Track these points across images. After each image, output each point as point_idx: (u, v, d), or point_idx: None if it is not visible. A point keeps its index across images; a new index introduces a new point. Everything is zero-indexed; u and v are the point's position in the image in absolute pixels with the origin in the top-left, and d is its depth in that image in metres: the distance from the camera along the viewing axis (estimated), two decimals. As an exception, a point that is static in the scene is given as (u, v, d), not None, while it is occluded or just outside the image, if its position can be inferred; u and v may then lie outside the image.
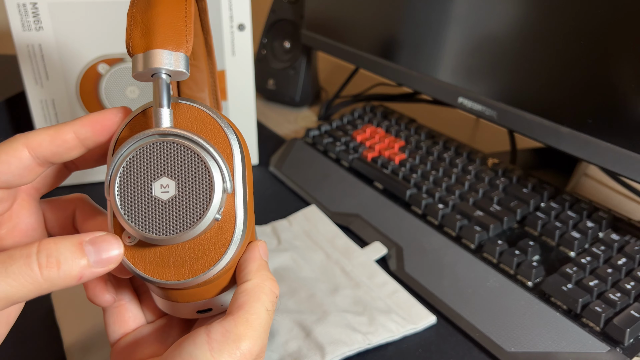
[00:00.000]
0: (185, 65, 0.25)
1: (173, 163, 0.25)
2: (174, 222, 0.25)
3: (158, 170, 0.25)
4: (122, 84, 0.58)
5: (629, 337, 0.39)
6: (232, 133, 0.27)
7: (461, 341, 0.42)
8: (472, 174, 0.57)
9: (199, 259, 0.26)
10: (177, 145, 0.25)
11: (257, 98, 0.88)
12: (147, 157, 0.25)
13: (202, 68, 0.31)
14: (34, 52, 0.55)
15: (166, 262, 0.26)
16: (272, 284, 0.28)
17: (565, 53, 0.48)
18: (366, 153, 0.63)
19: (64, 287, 0.24)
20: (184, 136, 0.25)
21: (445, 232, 0.51)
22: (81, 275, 0.24)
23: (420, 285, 0.46)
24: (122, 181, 0.25)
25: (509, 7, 0.52)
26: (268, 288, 0.28)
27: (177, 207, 0.25)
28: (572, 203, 0.51)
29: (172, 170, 0.25)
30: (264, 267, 0.28)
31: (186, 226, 0.24)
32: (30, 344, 0.41)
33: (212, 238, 0.26)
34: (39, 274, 0.23)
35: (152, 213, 0.25)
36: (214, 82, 0.30)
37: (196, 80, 0.31)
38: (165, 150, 0.25)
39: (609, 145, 0.46)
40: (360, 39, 0.70)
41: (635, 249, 0.45)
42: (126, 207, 0.25)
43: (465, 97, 0.58)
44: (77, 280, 0.24)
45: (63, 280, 0.24)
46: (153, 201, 0.25)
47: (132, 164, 0.25)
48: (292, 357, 0.39)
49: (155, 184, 0.25)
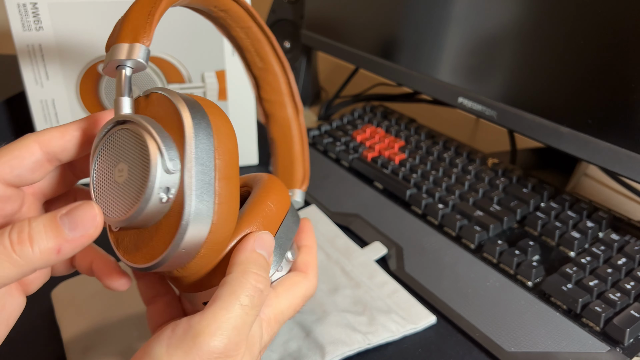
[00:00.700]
0: (142, 54, 0.26)
1: (125, 148, 0.26)
2: (125, 203, 0.25)
3: (117, 156, 0.26)
4: (122, 84, 0.58)
5: (628, 337, 0.39)
6: (190, 114, 0.26)
7: (461, 341, 0.42)
8: (472, 174, 0.57)
9: (158, 242, 0.26)
10: (128, 130, 0.26)
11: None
12: (109, 146, 0.26)
13: (274, 72, 0.31)
14: (34, 52, 0.55)
15: (137, 246, 0.26)
16: (256, 278, 0.26)
17: (565, 53, 0.48)
18: (366, 153, 0.63)
19: (46, 264, 0.23)
20: (132, 120, 0.26)
21: (445, 232, 0.51)
22: (59, 248, 0.23)
23: (420, 285, 0.46)
24: (95, 170, 0.27)
25: (509, 7, 0.52)
26: (249, 282, 0.26)
27: (127, 188, 0.25)
28: (572, 203, 0.51)
29: (125, 154, 0.26)
30: (251, 260, 0.27)
31: (131, 206, 0.25)
32: (30, 344, 0.41)
33: (168, 221, 0.26)
34: (11, 250, 0.22)
35: (112, 196, 0.26)
36: (288, 84, 0.31)
37: (271, 85, 0.32)
38: (120, 137, 0.26)
39: (609, 145, 0.46)
40: (360, 39, 0.70)
41: (635, 249, 0.45)
42: (96, 192, 0.26)
43: (465, 97, 0.58)
44: (56, 253, 0.23)
45: (40, 256, 0.23)
46: (113, 185, 0.26)
47: (100, 153, 0.27)
48: (292, 357, 0.39)
49: (115, 169, 0.26)
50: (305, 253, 0.35)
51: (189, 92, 0.60)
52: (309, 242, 0.35)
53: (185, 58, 0.59)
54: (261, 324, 0.29)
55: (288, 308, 0.31)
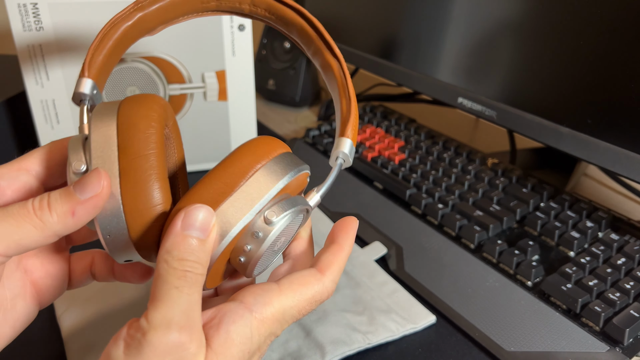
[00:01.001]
0: (85, 86, 0.31)
1: None
2: None
3: None
4: (123, 84, 0.58)
5: (628, 337, 0.39)
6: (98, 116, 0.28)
7: (461, 341, 0.42)
8: (471, 174, 0.57)
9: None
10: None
11: (257, 98, 0.89)
12: None
13: (333, 76, 0.33)
14: (35, 52, 0.55)
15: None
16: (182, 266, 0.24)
17: (564, 53, 0.48)
18: (366, 153, 0.63)
19: (64, 227, 0.26)
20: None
21: (445, 232, 0.51)
22: (73, 210, 0.26)
23: (420, 285, 0.46)
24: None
25: (508, 7, 0.52)
26: (176, 271, 0.24)
27: None
28: (571, 203, 0.51)
29: None
30: (174, 246, 0.25)
31: None
32: (30, 344, 0.41)
33: None
34: (33, 215, 0.25)
35: None
36: (343, 84, 0.33)
37: (331, 84, 0.34)
38: None
39: (608, 145, 0.46)
40: (360, 39, 0.71)
41: (634, 249, 0.45)
42: None
43: (465, 97, 0.58)
44: (72, 216, 0.26)
45: (58, 220, 0.26)
46: None
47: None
48: (292, 356, 0.39)
49: None
50: (331, 252, 0.30)
51: (189, 92, 0.60)
52: (342, 241, 0.30)
53: (185, 58, 0.59)
54: (251, 323, 0.26)
55: (291, 308, 0.27)
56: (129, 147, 0.27)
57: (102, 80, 0.32)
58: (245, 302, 0.26)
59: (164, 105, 0.31)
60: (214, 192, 0.27)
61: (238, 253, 0.28)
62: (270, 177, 0.27)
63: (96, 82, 0.31)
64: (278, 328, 0.27)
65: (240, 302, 0.26)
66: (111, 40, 0.32)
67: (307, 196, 0.30)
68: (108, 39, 0.32)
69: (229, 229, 0.26)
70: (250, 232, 0.27)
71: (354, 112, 0.31)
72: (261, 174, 0.27)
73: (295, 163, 0.29)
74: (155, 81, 0.59)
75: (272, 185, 0.27)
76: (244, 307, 0.26)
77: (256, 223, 0.27)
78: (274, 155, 0.28)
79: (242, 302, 0.26)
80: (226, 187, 0.27)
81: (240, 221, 0.26)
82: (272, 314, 0.27)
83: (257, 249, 0.27)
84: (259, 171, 0.27)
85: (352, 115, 0.31)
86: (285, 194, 0.29)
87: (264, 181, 0.27)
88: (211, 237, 0.26)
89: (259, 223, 0.27)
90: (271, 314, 0.27)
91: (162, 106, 0.30)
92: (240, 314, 0.26)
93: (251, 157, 0.28)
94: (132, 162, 0.27)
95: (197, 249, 0.25)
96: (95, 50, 0.32)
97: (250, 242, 0.27)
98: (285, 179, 0.28)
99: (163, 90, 0.59)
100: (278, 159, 0.28)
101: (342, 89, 0.33)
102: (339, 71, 0.33)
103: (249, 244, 0.27)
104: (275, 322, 0.27)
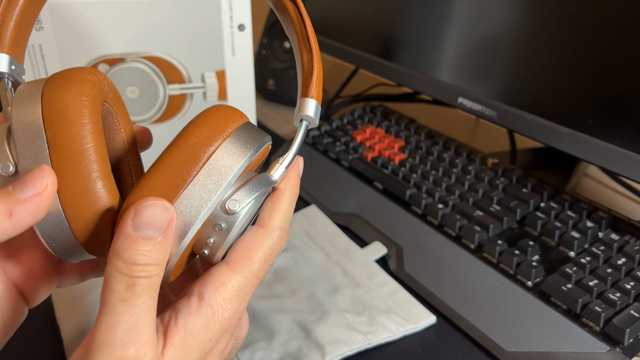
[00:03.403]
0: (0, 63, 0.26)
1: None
2: None
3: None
4: (123, 84, 0.58)
5: (628, 337, 0.39)
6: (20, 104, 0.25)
7: (461, 341, 0.42)
8: (472, 174, 0.57)
9: None
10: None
11: (257, 98, 0.88)
12: None
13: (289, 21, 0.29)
14: (34, 52, 0.55)
15: None
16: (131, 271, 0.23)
17: (565, 53, 0.48)
18: (366, 153, 0.63)
19: (3, 232, 0.23)
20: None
21: (445, 232, 0.51)
22: (10, 211, 0.23)
23: (420, 285, 0.46)
24: None
25: (508, 7, 0.52)
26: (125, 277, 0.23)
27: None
28: (571, 203, 0.51)
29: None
30: (124, 249, 0.23)
31: None
32: (30, 344, 0.41)
33: None
34: None
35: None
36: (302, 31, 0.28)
37: (290, 32, 0.29)
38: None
39: (608, 145, 0.46)
40: (360, 39, 0.70)
41: (634, 249, 0.45)
42: None
43: (465, 97, 0.58)
44: (9, 217, 0.23)
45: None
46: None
47: None
48: (292, 357, 0.39)
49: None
50: (270, 200, 0.27)
51: (188, 92, 0.60)
52: (283, 185, 0.28)
53: (185, 58, 0.59)
54: (206, 312, 0.25)
55: (246, 279, 0.26)
56: (61, 144, 0.24)
57: (19, 52, 0.28)
58: (198, 292, 0.26)
59: (97, 81, 0.26)
60: (168, 182, 0.24)
61: (201, 246, 0.26)
62: (229, 158, 0.25)
63: (13, 56, 0.27)
64: (240, 303, 0.26)
65: (192, 294, 0.26)
66: (19, 2, 0.27)
67: (270, 169, 0.27)
68: (15, 2, 0.27)
69: (189, 227, 0.24)
70: (212, 224, 0.25)
71: (317, 65, 0.28)
72: (220, 156, 0.25)
73: (254, 137, 0.26)
74: (155, 81, 0.59)
75: (233, 168, 0.25)
76: (196, 297, 0.25)
77: (218, 214, 0.25)
78: (231, 129, 0.26)
79: (193, 294, 0.26)
80: (181, 175, 0.24)
81: (200, 215, 0.24)
82: (228, 295, 0.26)
83: (222, 241, 0.25)
84: (217, 152, 0.25)
85: (315, 70, 0.28)
86: (247, 173, 0.26)
87: (223, 164, 0.25)
88: (168, 235, 0.23)
89: (221, 214, 0.25)
90: (227, 295, 0.25)
91: (95, 83, 0.26)
92: (194, 306, 0.25)
93: (206, 134, 0.25)
94: (66, 160, 0.24)
95: (151, 249, 0.23)
96: (3, 18, 0.27)
97: (212, 234, 0.25)
98: (246, 159, 0.25)
99: (163, 90, 0.59)
100: (236, 134, 0.26)
101: (302, 37, 0.29)
102: (295, 14, 0.29)
103: (211, 237, 0.25)
104: (233, 300, 0.26)
